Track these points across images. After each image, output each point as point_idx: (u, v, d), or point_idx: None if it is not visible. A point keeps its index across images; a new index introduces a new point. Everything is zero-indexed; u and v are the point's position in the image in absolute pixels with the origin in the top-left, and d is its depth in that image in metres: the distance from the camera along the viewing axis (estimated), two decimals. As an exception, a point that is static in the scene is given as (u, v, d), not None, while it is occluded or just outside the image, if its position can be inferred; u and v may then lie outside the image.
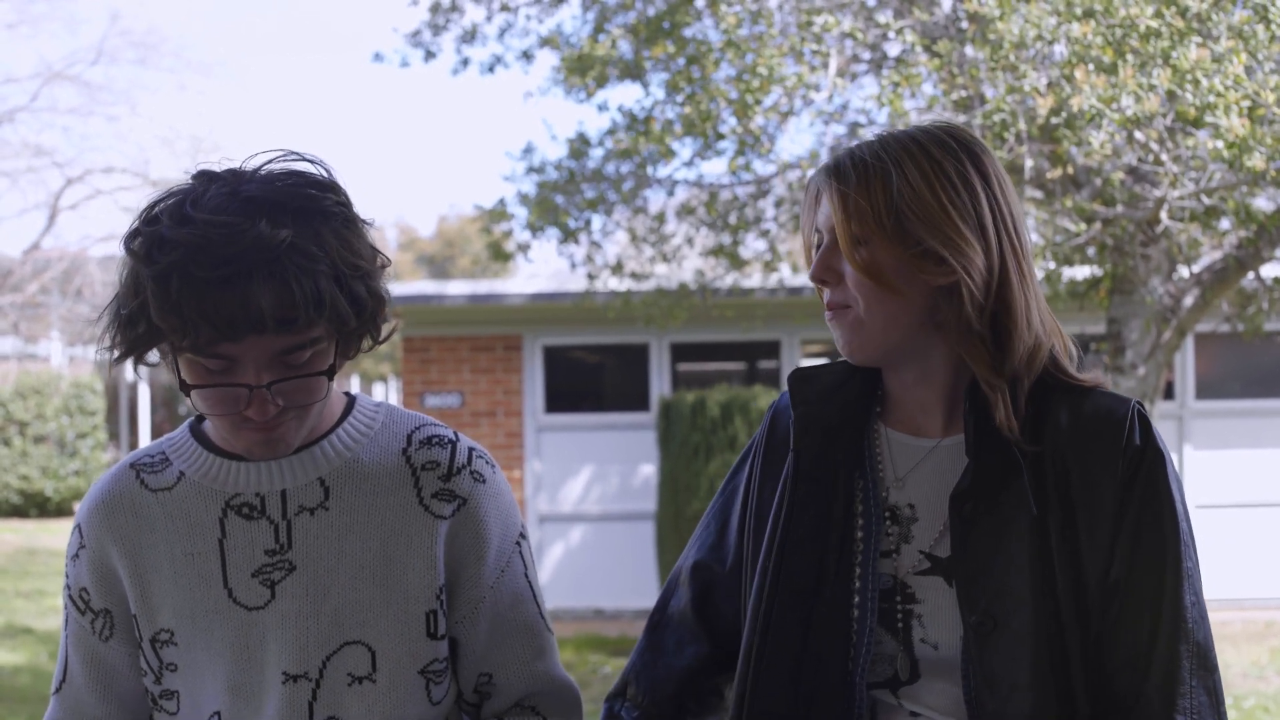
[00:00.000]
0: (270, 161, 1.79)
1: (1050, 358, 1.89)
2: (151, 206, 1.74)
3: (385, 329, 1.88)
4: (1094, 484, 1.81)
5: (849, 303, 1.86)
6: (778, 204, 8.61)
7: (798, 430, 1.95)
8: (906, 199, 1.82)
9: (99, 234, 19.51)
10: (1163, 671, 1.77)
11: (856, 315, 1.86)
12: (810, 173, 1.97)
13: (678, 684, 2.06)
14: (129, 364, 1.80)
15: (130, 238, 1.72)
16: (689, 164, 8.25)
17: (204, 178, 1.76)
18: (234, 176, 1.75)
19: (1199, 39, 5.20)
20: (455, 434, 1.97)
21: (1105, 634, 1.79)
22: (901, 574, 1.87)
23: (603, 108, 8.50)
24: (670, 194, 8.82)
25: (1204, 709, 1.77)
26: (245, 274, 1.65)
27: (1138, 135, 5.66)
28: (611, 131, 8.07)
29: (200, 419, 1.96)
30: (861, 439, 1.94)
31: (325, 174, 1.80)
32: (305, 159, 1.81)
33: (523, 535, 2.01)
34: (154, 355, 1.80)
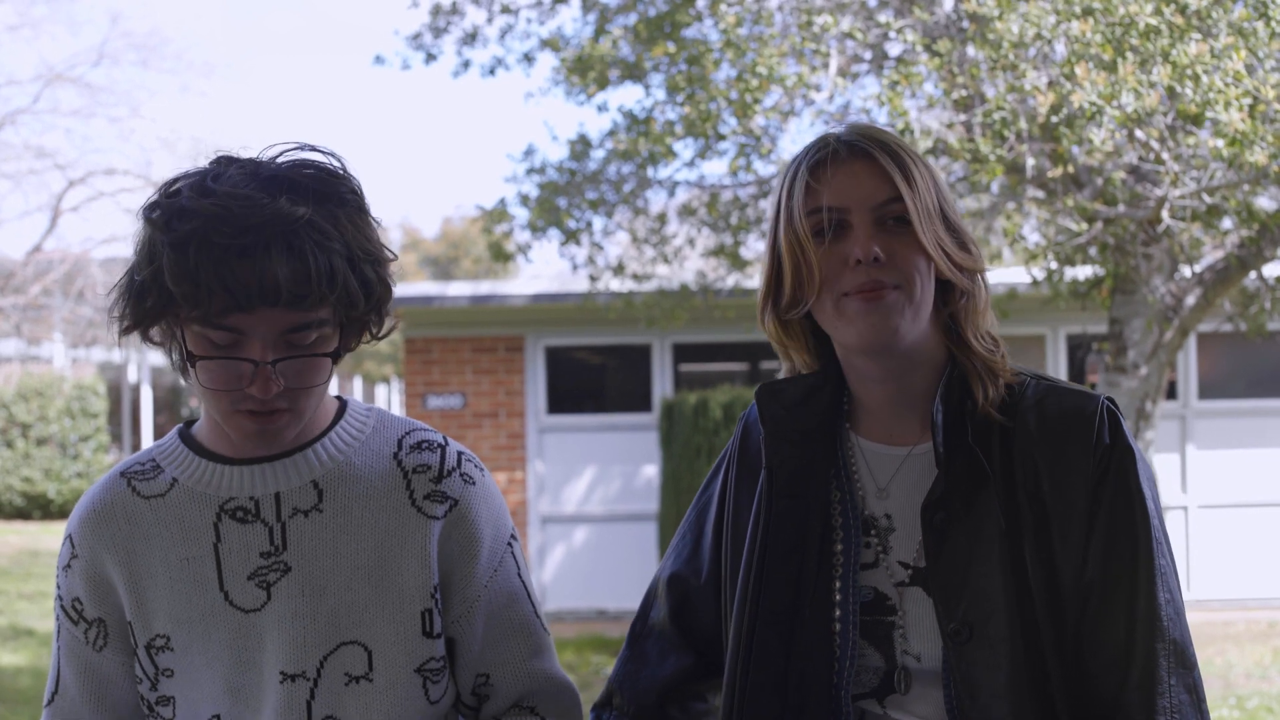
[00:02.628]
0: (286, 151, 1.82)
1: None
2: (172, 182, 1.77)
3: (387, 324, 1.90)
4: (1065, 484, 1.79)
5: (899, 280, 1.80)
6: (779, 204, 8.58)
7: (770, 447, 1.93)
8: (941, 183, 1.83)
9: (101, 236, 19.49)
10: (1140, 671, 1.75)
11: (905, 295, 1.80)
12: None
13: (660, 693, 2.07)
14: (130, 363, 1.80)
15: (150, 208, 1.74)
16: (690, 165, 8.25)
17: (223, 160, 1.79)
18: (253, 162, 1.79)
19: (1198, 36, 5.20)
20: (444, 438, 1.98)
21: (1083, 635, 1.78)
22: (883, 586, 1.86)
23: (603, 108, 8.50)
24: (671, 195, 8.82)
25: (1184, 707, 1.76)
26: (263, 245, 1.68)
27: (1138, 134, 5.66)
28: (612, 133, 8.07)
29: (190, 424, 1.97)
30: (835, 450, 1.92)
31: (339, 165, 1.83)
32: (319, 150, 1.84)
33: (514, 537, 2.03)
34: (157, 334, 1.81)
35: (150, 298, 1.73)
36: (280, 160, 1.80)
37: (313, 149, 1.83)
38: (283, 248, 1.68)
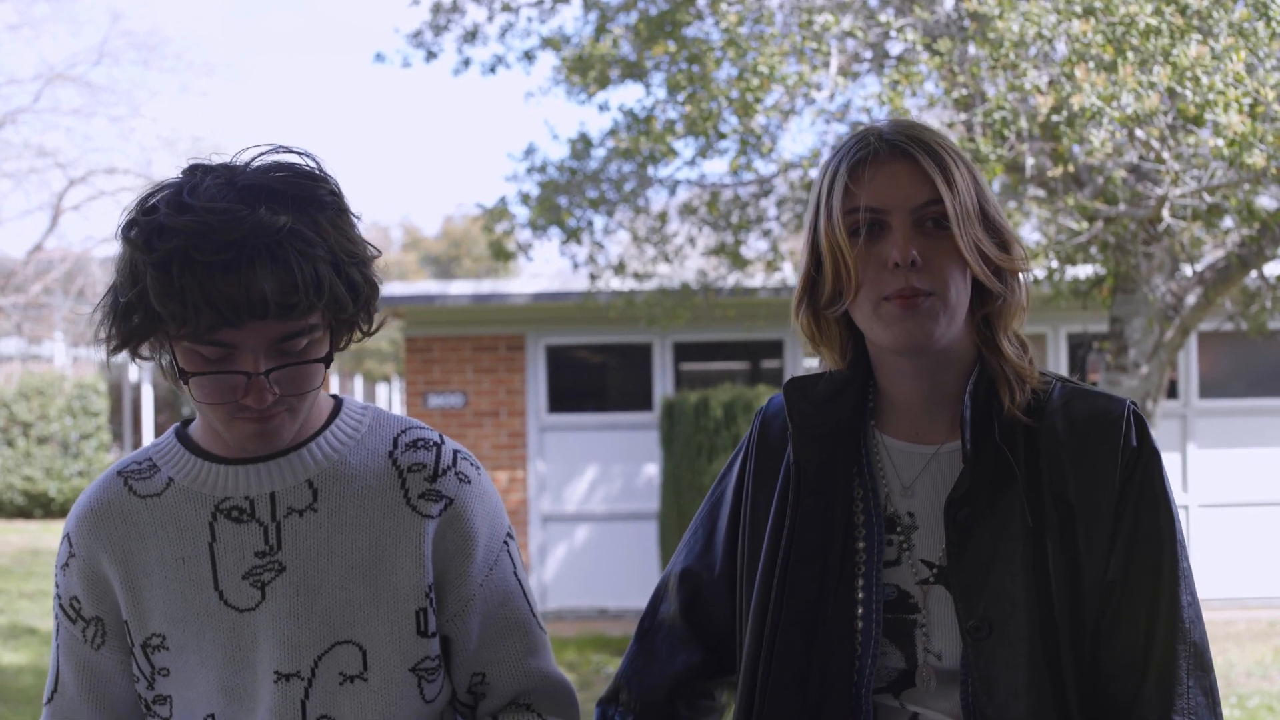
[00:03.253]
0: (260, 155, 1.80)
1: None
2: (147, 198, 1.75)
3: (375, 320, 1.88)
4: (1092, 485, 1.80)
5: (933, 288, 1.79)
6: (780, 203, 8.60)
7: (798, 443, 1.93)
8: (981, 183, 1.82)
9: (102, 235, 19.49)
10: (1160, 672, 1.76)
11: (940, 302, 1.80)
12: (813, 171, 1.91)
13: (669, 689, 2.06)
14: (131, 363, 1.80)
15: (127, 228, 1.72)
16: (691, 164, 8.25)
17: (197, 170, 1.77)
18: (227, 169, 1.77)
19: (1199, 36, 5.19)
20: (440, 437, 1.98)
21: (1102, 636, 1.78)
22: (906, 584, 1.86)
23: (604, 107, 8.50)
24: (672, 194, 8.82)
25: (1201, 709, 1.76)
26: (247, 259, 1.66)
27: (1139, 133, 5.65)
28: (613, 131, 8.06)
29: (187, 423, 1.97)
30: (858, 447, 1.92)
31: (315, 166, 1.81)
32: (293, 152, 1.81)
33: (510, 535, 2.02)
34: (146, 349, 1.80)
35: (136, 316, 1.72)
36: (254, 165, 1.77)
37: (287, 150, 1.81)
38: (267, 260, 1.67)
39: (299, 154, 1.81)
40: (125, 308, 1.73)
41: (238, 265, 1.66)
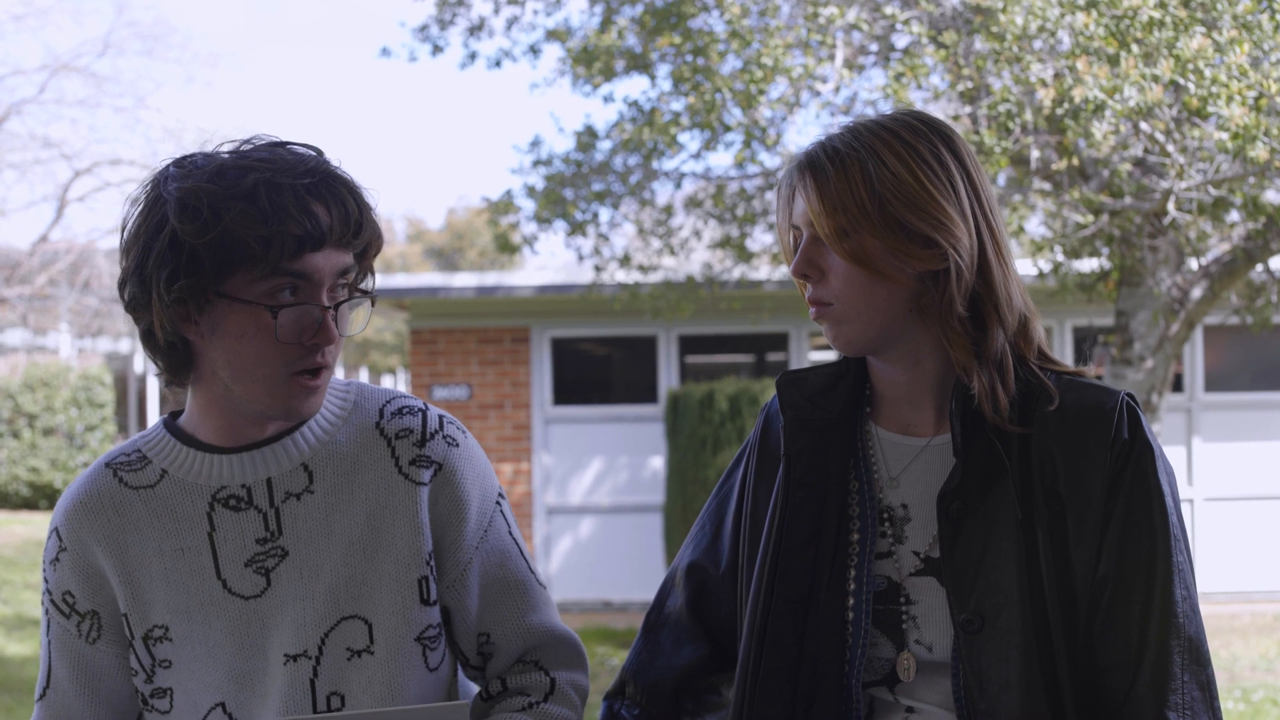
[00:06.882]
0: (241, 144, 1.84)
1: (1035, 339, 1.88)
2: (182, 162, 1.80)
3: (369, 280, 1.92)
4: (1082, 479, 1.79)
5: (830, 299, 1.84)
6: (785, 196, 8.58)
7: (789, 435, 1.94)
8: (888, 184, 1.80)
9: (107, 226, 19.50)
10: (1153, 667, 1.75)
11: (839, 311, 1.84)
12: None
13: (675, 683, 2.07)
14: (137, 353, 1.80)
15: (182, 179, 1.75)
16: (696, 156, 8.25)
17: (197, 154, 1.82)
18: (242, 145, 1.83)
19: (1202, 29, 5.19)
20: (424, 403, 1.99)
21: (1096, 630, 1.78)
22: (896, 575, 1.86)
23: (609, 99, 8.50)
24: (677, 186, 8.82)
25: (1196, 704, 1.76)
26: (326, 184, 1.77)
27: (1144, 126, 5.65)
28: (618, 124, 8.06)
29: (175, 415, 1.96)
30: (853, 440, 1.93)
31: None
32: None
33: (501, 495, 2.04)
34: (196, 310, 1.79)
35: (206, 262, 1.72)
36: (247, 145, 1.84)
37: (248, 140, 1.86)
38: (340, 184, 1.78)
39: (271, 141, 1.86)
40: (191, 256, 1.72)
41: (319, 189, 1.76)
